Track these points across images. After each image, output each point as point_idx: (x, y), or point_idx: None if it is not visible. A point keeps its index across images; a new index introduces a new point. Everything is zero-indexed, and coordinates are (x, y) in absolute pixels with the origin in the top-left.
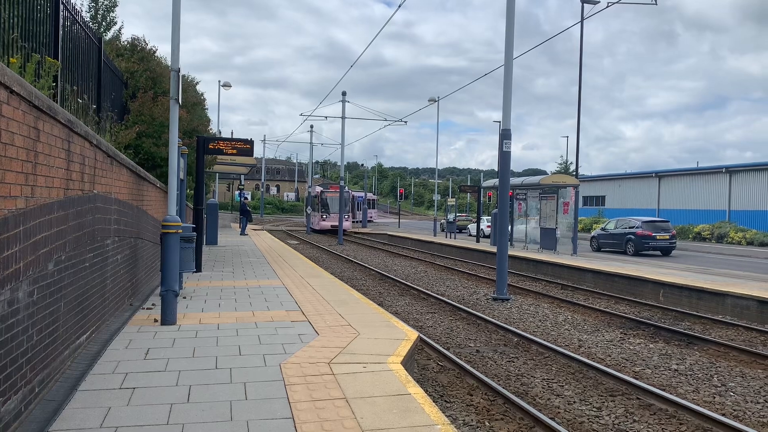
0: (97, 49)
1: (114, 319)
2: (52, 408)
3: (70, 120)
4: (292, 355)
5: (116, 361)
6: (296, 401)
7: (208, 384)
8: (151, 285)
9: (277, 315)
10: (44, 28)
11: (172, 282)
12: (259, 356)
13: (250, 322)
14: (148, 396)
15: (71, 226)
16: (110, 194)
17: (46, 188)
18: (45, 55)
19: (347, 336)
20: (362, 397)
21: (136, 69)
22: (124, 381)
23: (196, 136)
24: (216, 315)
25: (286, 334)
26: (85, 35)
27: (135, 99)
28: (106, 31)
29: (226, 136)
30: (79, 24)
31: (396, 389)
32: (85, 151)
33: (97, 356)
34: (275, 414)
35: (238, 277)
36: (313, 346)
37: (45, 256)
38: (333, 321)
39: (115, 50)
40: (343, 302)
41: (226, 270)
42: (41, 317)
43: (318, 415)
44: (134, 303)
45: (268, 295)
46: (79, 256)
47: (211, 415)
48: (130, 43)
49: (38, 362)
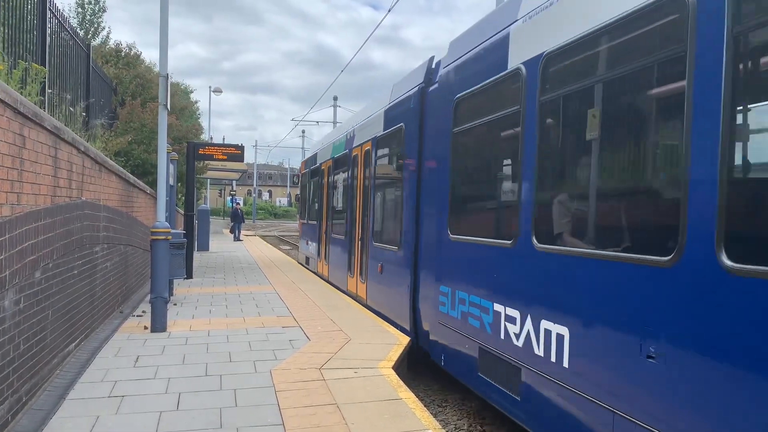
0: (86, 55)
1: (104, 327)
2: (40, 417)
3: (56, 127)
4: (283, 361)
5: (105, 369)
6: (286, 407)
7: (197, 391)
8: (142, 292)
9: (269, 321)
10: (31, 35)
11: (162, 289)
12: (250, 363)
13: (241, 329)
14: (138, 404)
15: (59, 233)
16: (99, 201)
17: (32, 195)
18: (32, 62)
19: (339, 341)
20: (353, 403)
21: (124, 75)
22: (113, 389)
23: (186, 142)
24: (206, 321)
25: (278, 340)
26: (73, 42)
27: (124, 105)
28: (94, 37)
29: (217, 142)
30: (67, 31)
31: (387, 394)
32: (73, 158)
33: (86, 364)
34: (265, 420)
35: (230, 284)
36: (304, 351)
37: (32, 264)
38: (325, 326)
39: (104, 56)
40: (335, 307)
41: (217, 276)
42: (28, 326)
43: (308, 421)
44: (124, 310)
45: (259, 300)
46: (67, 263)
47: (201, 423)
48: (116, 49)
49: (25, 371)
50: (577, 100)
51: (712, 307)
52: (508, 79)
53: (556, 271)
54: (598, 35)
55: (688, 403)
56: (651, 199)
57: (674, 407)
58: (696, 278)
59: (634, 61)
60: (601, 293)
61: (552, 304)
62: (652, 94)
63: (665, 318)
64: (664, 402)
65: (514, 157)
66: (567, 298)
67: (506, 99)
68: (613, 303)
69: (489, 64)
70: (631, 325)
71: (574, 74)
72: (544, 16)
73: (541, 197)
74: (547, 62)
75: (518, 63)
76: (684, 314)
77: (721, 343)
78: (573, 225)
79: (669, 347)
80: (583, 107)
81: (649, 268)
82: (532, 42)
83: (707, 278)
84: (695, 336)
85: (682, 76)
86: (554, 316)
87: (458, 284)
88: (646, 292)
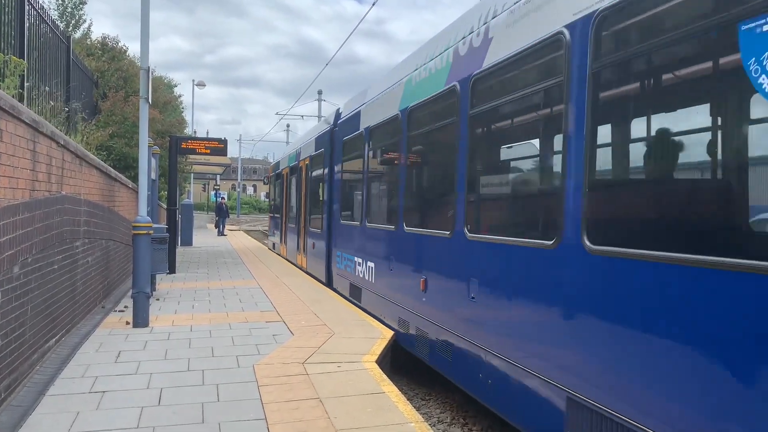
0: (66, 48)
1: (85, 322)
2: (19, 414)
3: (35, 120)
4: (266, 356)
5: (86, 364)
6: (269, 402)
7: (179, 386)
8: (124, 287)
9: (252, 316)
10: (9, 27)
11: (144, 284)
12: (233, 357)
13: (224, 323)
14: (119, 399)
15: (38, 228)
16: (79, 195)
17: (10, 189)
18: (11, 55)
19: (322, 336)
20: (336, 397)
21: (106, 68)
22: (94, 384)
23: (169, 136)
24: (189, 317)
25: (261, 335)
26: (53, 34)
27: (106, 99)
28: (75, 30)
29: (201, 136)
30: (47, 23)
31: (370, 388)
32: (52, 151)
33: (67, 360)
34: (248, 415)
35: (213, 278)
36: (287, 346)
37: (10, 259)
38: (308, 320)
39: (85, 49)
40: (318, 301)
41: (201, 271)
42: (6, 321)
43: (291, 415)
44: (106, 305)
45: (243, 295)
46: (47, 258)
47: (183, 418)
48: (100, 41)
49: (4, 367)
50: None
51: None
52: (360, 136)
53: (374, 238)
54: (387, 121)
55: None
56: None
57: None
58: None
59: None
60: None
61: (371, 255)
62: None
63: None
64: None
65: (361, 176)
66: (375, 251)
67: (360, 146)
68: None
69: (354, 124)
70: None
71: (381, 135)
72: (370, 105)
73: (362, 199)
74: (372, 130)
75: (363, 128)
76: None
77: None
78: (379, 210)
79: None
80: (392, 153)
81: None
82: (369, 117)
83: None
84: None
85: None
86: (373, 259)
87: (342, 249)
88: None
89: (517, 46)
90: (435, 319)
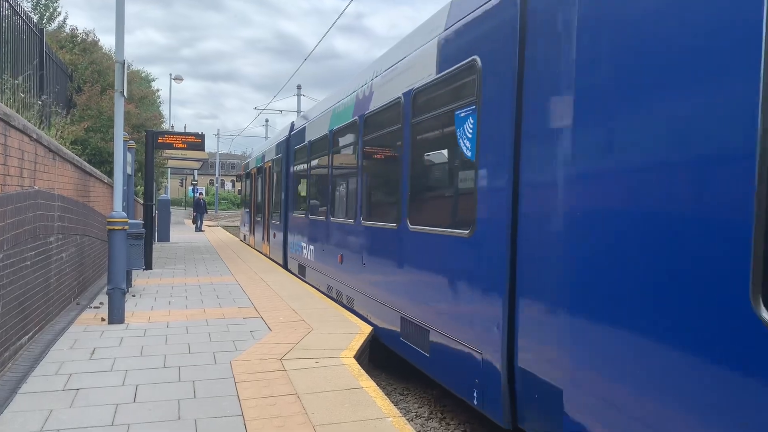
0: (39, 40)
1: (59, 319)
2: None
3: (5, 113)
4: (243, 352)
5: (60, 362)
6: (246, 398)
7: (155, 383)
8: (100, 283)
9: (229, 312)
10: None
11: (120, 280)
12: (210, 354)
13: (201, 320)
14: (93, 397)
15: (9, 223)
16: (53, 190)
17: None
18: None
19: (300, 331)
20: (314, 392)
21: (80, 62)
22: (68, 382)
23: (145, 130)
24: (166, 313)
25: (238, 331)
26: (25, 26)
27: (81, 93)
28: (49, 23)
29: (178, 131)
30: (20, 15)
31: (348, 383)
32: (24, 145)
33: (40, 357)
34: (225, 412)
35: (190, 274)
36: (265, 342)
37: None
38: (287, 316)
39: (59, 42)
40: (297, 297)
41: (178, 267)
42: None
43: (268, 411)
44: (81, 302)
45: (220, 291)
46: (19, 254)
47: (158, 415)
48: (71, 35)
49: None
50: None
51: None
52: (305, 147)
53: (314, 227)
54: (321, 137)
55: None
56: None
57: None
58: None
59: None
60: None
61: (312, 240)
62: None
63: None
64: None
65: (306, 178)
66: (313, 236)
67: (305, 155)
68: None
69: (301, 137)
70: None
71: (318, 147)
72: (312, 123)
73: (306, 196)
74: (312, 143)
75: (307, 141)
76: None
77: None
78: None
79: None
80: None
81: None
82: (311, 133)
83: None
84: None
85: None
86: (313, 243)
87: (293, 237)
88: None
89: (384, 101)
90: (345, 281)
